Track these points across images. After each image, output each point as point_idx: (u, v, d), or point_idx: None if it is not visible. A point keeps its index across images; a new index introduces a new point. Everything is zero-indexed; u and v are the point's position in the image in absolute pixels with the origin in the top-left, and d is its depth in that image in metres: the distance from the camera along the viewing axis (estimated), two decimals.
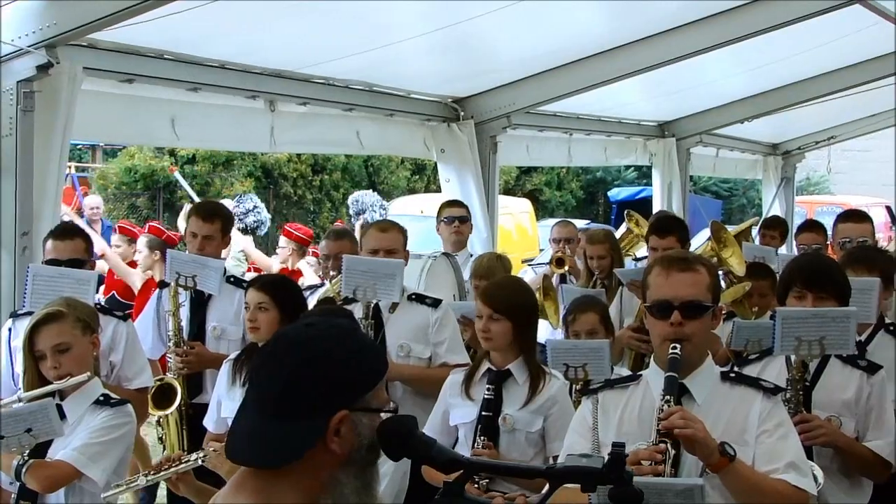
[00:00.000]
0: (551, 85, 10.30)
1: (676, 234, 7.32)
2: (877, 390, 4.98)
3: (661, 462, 3.66)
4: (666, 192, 14.14)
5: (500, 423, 5.27)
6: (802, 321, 4.80)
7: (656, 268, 4.03)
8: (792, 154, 17.69)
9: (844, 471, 4.97)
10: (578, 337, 6.10)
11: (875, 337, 5.75)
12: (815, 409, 4.89)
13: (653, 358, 4.13)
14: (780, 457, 3.81)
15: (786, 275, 5.18)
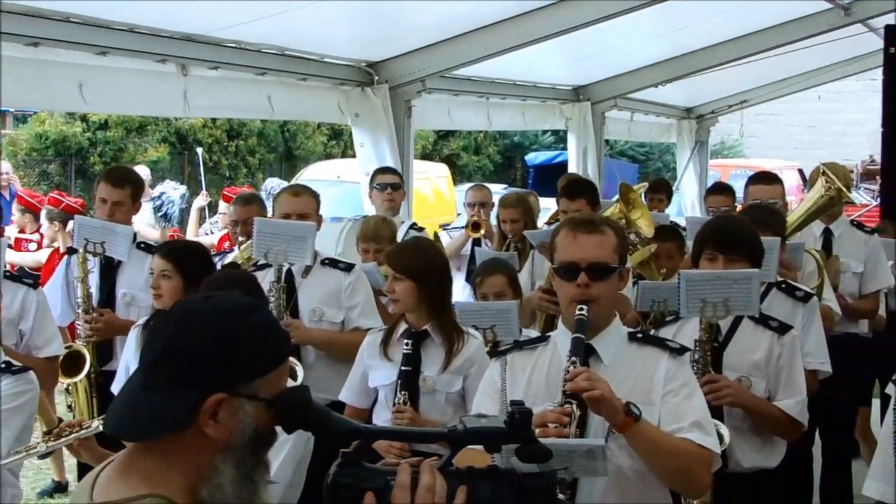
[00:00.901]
0: (466, 49, 10.26)
1: (586, 197, 7.39)
2: (787, 350, 5.07)
3: (567, 423, 3.69)
4: (581, 156, 14.18)
5: (420, 385, 5.31)
6: (706, 283, 4.88)
7: (563, 230, 4.06)
8: (705, 118, 17.84)
9: (756, 431, 5.06)
10: (486, 299, 6.14)
11: (769, 295, 5.86)
12: (725, 370, 4.97)
13: (560, 319, 4.16)
14: (684, 416, 3.85)
15: (699, 237, 5.25)
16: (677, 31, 12.28)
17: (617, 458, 3.81)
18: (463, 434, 2.39)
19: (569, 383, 3.71)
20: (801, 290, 5.97)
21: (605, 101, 14.38)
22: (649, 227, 7.70)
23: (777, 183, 7.61)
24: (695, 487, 4.03)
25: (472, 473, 2.38)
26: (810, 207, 7.52)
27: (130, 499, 2.32)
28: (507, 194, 9.74)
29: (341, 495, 2.34)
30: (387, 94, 10.18)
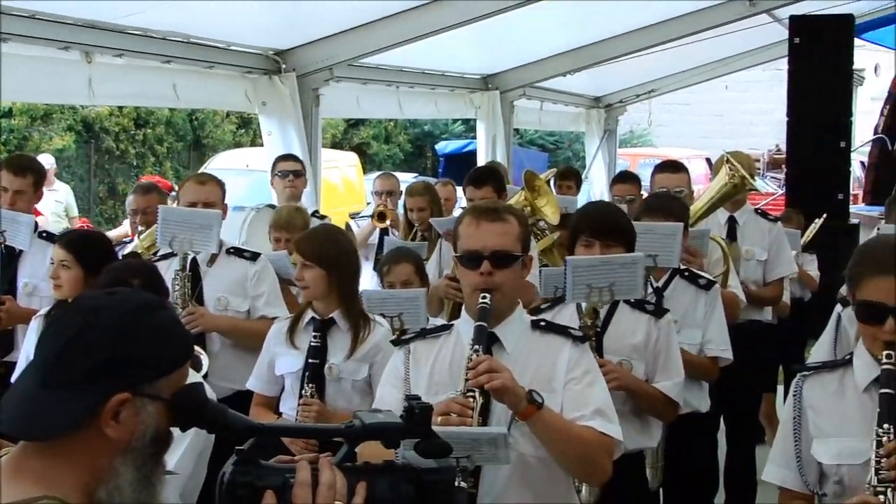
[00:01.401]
0: (375, 37, 10.23)
1: (492, 185, 7.41)
2: (664, 333, 5.12)
3: (470, 412, 3.68)
4: (490, 144, 14.21)
5: (326, 373, 5.30)
6: (592, 269, 4.90)
7: (467, 218, 4.05)
8: (614, 107, 17.96)
9: (636, 413, 5.11)
10: (393, 287, 6.15)
11: (672, 282, 5.92)
12: (606, 355, 5.00)
13: (464, 307, 4.15)
14: (586, 404, 3.87)
15: (574, 224, 5.27)
16: (586, 20, 12.35)
17: (520, 446, 3.81)
18: (361, 430, 2.36)
19: (470, 374, 3.71)
20: (704, 278, 6.02)
21: (513, 89, 14.40)
22: (555, 214, 7.74)
23: (683, 171, 7.66)
24: (597, 474, 4.06)
25: (369, 469, 2.35)
26: (715, 195, 7.59)
27: (23, 502, 2.22)
28: (414, 183, 9.74)
29: (239, 494, 2.28)
30: (294, 83, 10.11)
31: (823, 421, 3.81)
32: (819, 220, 9.88)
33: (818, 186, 11.21)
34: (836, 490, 3.74)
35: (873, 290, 3.67)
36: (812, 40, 11.48)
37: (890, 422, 3.54)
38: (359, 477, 2.32)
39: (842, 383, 3.84)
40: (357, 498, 2.30)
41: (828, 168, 11.39)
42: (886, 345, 3.64)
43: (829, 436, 3.78)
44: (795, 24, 11.92)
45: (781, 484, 3.91)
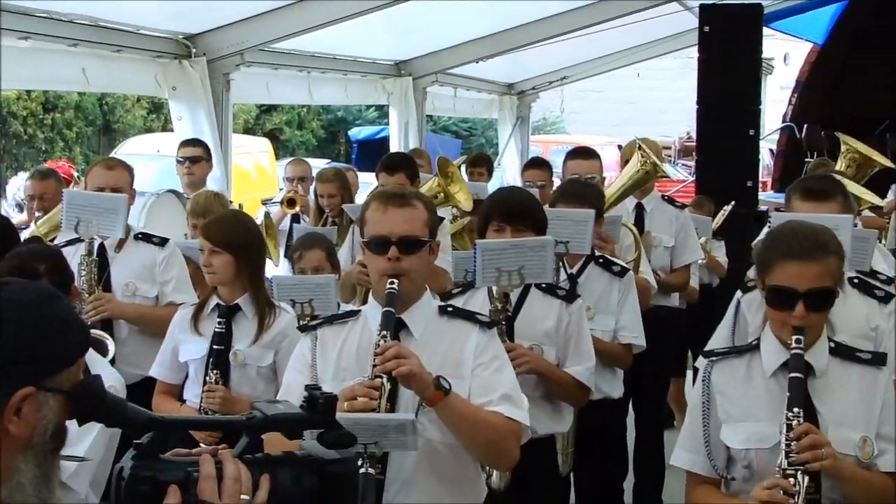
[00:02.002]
0: (286, 22, 10.15)
1: (405, 171, 7.39)
2: (575, 318, 5.15)
3: (377, 398, 3.67)
4: (403, 131, 14.17)
5: (231, 359, 5.26)
6: (501, 252, 4.90)
7: (374, 203, 4.05)
8: (527, 94, 17.99)
9: (547, 398, 5.16)
10: (304, 273, 6.12)
11: (586, 269, 5.95)
12: (517, 339, 5.02)
13: (371, 293, 4.15)
14: (494, 389, 3.88)
15: (485, 209, 5.28)
16: (498, 7, 12.35)
17: (427, 432, 3.82)
18: (262, 422, 2.31)
19: (377, 360, 3.70)
20: (618, 264, 6.07)
21: (426, 76, 14.36)
22: (468, 200, 7.75)
23: (595, 158, 7.70)
24: (504, 460, 4.07)
25: (271, 461, 2.30)
26: (627, 182, 7.65)
27: None
28: (324, 169, 9.70)
29: (141, 490, 2.20)
30: (205, 68, 9.99)
31: (731, 406, 3.87)
32: (727, 206, 9.99)
33: (728, 174, 11.32)
34: (745, 474, 3.79)
35: (783, 276, 3.73)
36: (722, 29, 11.58)
37: (799, 405, 3.60)
38: (261, 469, 2.27)
39: (749, 368, 3.90)
40: (261, 491, 2.25)
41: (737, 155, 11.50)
42: (795, 329, 3.69)
43: (737, 420, 3.83)
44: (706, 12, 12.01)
45: (690, 468, 3.96)
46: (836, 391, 3.80)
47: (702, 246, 8.49)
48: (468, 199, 7.69)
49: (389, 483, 3.83)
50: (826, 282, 3.72)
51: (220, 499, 2.20)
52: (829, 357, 3.86)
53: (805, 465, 3.53)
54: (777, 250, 3.80)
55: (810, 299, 3.69)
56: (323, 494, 2.29)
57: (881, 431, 3.79)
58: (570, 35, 13.80)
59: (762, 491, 3.56)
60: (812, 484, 3.60)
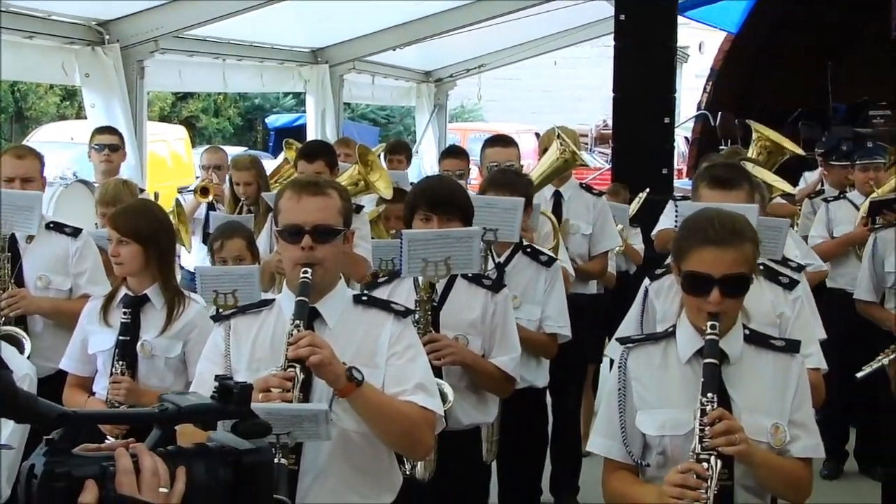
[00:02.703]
0: (201, 8, 10.08)
1: (324, 160, 7.35)
2: (500, 308, 5.15)
3: (290, 388, 3.65)
4: (320, 119, 14.12)
5: (139, 350, 5.19)
6: (428, 242, 4.88)
7: (287, 192, 4.01)
8: (444, 81, 17.99)
9: (472, 388, 5.15)
10: (225, 263, 6.07)
11: (514, 258, 5.96)
12: (443, 329, 5.02)
13: (285, 282, 4.12)
14: (408, 378, 3.87)
15: (411, 198, 5.26)
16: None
17: (342, 422, 3.80)
18: (176, 414, 2.27)
19: (290, 350, 3.67)
20: (545, 254, 6.08)
21: (343, 63, 14.32)
22: (387, 188, 7.72)
23: (513, 146, 7.70)
24: (418, 449, 4.06)
25: (184, 454, 2.27)
26: (546, 170, 7.64)
27: None
28: (240, 156, 9.61)
29: (55, 487, 2.13)
30: (118, 55, 9.88)
31: (647, 392, 3.89)
32: (642, 194, 10.05)
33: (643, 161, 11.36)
34: (659, 461, 3.81)
35: (698, 262, 3.76)
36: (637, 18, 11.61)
37: (713, 391, 3.63)
38: (175, 461, 2.24)
39: (665, 355, 3.92)
40: (178, 483, 2.21)
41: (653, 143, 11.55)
42: (710, 316, 3.72)
43: (652, 407, 3.86)
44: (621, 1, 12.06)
45: (606, 454, 3.97)
46: (749, 378, 3.83)
47: (619, 233, 8.53)
48: (388, 188, 7.67)
49: (303, 473, 3.81)
50: (741, 268, 3.76)
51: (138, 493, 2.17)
52: (744, 344, 3.89)
53: (718, 450, 3.56)
54: (693, 237, 3.83)
55: (725, 285, 3.72)
56: (238, 485, 2.27)
57: (794, 418, 3.83)
58: (488, 23, 13.84)
59: (676, 475, 3.59)
60: (725, 469, 3.63)
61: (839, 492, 8.33)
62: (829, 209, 8.92)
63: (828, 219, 8.86)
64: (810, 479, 3.92)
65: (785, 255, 5.46)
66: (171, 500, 2.19)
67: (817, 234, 8.79)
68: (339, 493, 3.86)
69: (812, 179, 11.99)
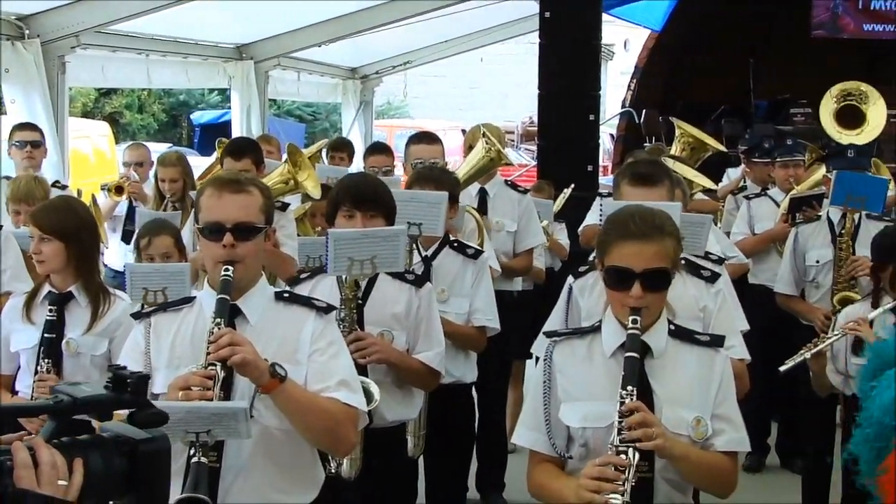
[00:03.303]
0: (123, 3, 9.96)
1: (251, 157, 7.32)
2: (425, 303, 5.17)
3: (211, 386, 3.63)
4: (245, 115, 14.03)
5: (64, 348, 5.15)
6: (354, 241, 4.88)
7: (208, 189, 4.01)
8: (370, 78, 17.94)
9: (397, 384, 5.16)
10: (153, 260, 6.05)
11: (441, 252, 5.97)
12: (367, 326, 5.02)
13: (206, 280, 4.10)
14: (331, 375, 3.88)
15: (334, 195, 5.25)
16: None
17: (264, 419, 3.80)
18: (71, 405, 2.25)
19: (211, 349, 3.66)
20: (472, 248, 6.12)
21: (268, 59, 14.24)
22: (315, 188, 7.70)
23: (437, 143, 7.71)
24: (341, 446, 4.07)
25: (80, 444, 2.25)
26: (471, 168, 7.66)
27: None
28: (166, 153, 9.54)
29: None
30: (39, 50, 9.74)
31: (571, 385, 3.91)
32: (567, 190, 10.09)
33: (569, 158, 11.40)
34: (582, 453, 3.84)
35: (620, 256, 3.80)
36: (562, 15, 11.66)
37: (633, 384, 3.66)
38: (72, 453, 2.22)
39: (590, 349, 3.95)
40: (76, 475, 2.19)
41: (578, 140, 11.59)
42: (633, 310, 3.75)
43: (575, 399, 3.88)
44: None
45: (531, 447, 3.99)
46: (672, 372, 3.86)
47: (544, 229, 8.56)
48: (316, 187, 7.64)
49: (225, 471, 3.80)
50: (662, 262, 3.79)
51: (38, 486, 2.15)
52: (669, 338, 3.92)
53: (635, 443, 3.59)
54: (614, 232, 3.86)
55: (646, 279, 3.75)
56: (134, 475, 2.26)
57: (718, 412, 3.87)
58: (414, 19, 13.84)
59: (593, 468, 3.61)
60: (645, 462, 3.67)
61: (760, 485, 8.42)
62: (750, 206, 9.03)
63: (749, 215, 8.96)
64: (735, 473, 3.95)
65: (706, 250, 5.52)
66: (69, 493, 2.17)
67: (739, 231, 8.89)
68: (261, 490, 3.86)
69: (735, 176, 12.10)
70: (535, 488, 3.99)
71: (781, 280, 7.62)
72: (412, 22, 13.85)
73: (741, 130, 16.56)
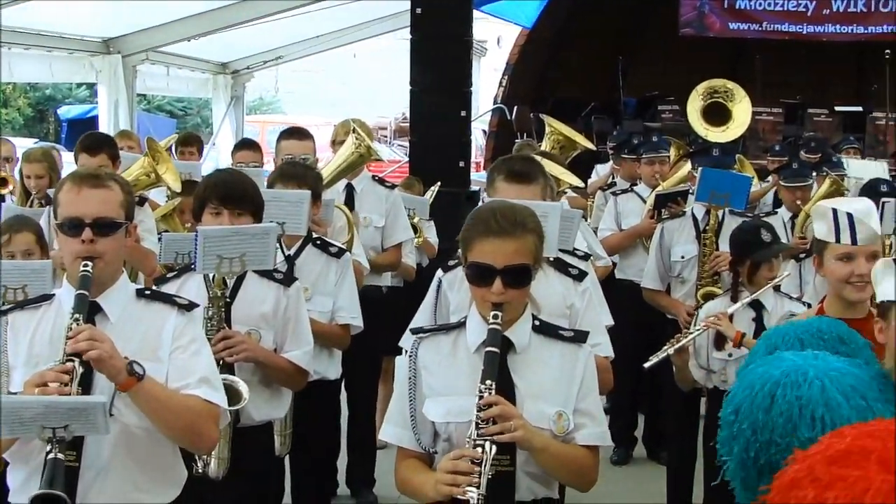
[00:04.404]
0: None
1: (106, 152, 7.23)
2: (293, 302, 5.16)
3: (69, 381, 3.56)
4: (113, 110, 13.81)
5: None
6: (224, 239, 4.84)
7: (67, 184, 3.94)
8: (241, 73, 17.78)
9: (265, 383, 5.15)
10: (14, 258, 5.89)
11: (304, 250, 5.95)
12: (235, 325, 4.99)
13: (65, 277, 4.03)
14: (192, 372, 3.85)
15: (201, 192, 5.20)
16: None
17: (124, 417, 3.76)
18: None
19: (69, 343, 3.60)
20: (335, 245, 6.12)
21: (136, 54, 14.03)
22: (175, 181, 7.63)
23: (308, 139, 7.66)
24: (202, 443, 4.04)
25: None
26: (341, 164, 7.64)
27: None
28: (31, 149, 9.36)
29: None
30: None
31: (436, 381, 3.92)
32: (434, 187, 10.11)
33: (440, 154, 11.43)
34: (445, 447, 3.85)
35: (481, 252, 3.81)
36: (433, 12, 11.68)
37: (492, 378, 3.67)
38: None
39: (455, 345, 3.96)
40: None
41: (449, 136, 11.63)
42: (494, 305, 3.77)
43: (440, 395, 3.89)
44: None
45: (397, 443, 3.99)
46: (535, 367, 3.88)
47: (414, 226, 8.57)
48: (176, 180, 7.57)
49: (84, 470, 3.74)
50: (523, 258, 3.80)
51: None
52: (532, 334, 3.94)
53: (493, 436, 3.60)
54: (476, 228, 3.88)
55: (507, 275, 3.76)
56: None
57: (580, 406, 3.90)
58: (285, 14, 13.76)
59: (449, 461, 3.63)
60: (506, 456, 3.70)
61: (627, 477, 8.55)
62: (617, 202, 9.14)
63: (616, 211, 9.08)
64: (595, 467, 3.98)
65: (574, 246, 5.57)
66: None
67: (606, 227, 9.00)
68: (121, 489, 3.81)
69: (604, 172, 12.27)
70: (401, 483, 4.00)
71: (648, 275, 7.74)
72: (284, 17, 13.76)
73: (610, 127, 16.79)
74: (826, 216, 4.61)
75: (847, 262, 4.55)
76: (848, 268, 4.55)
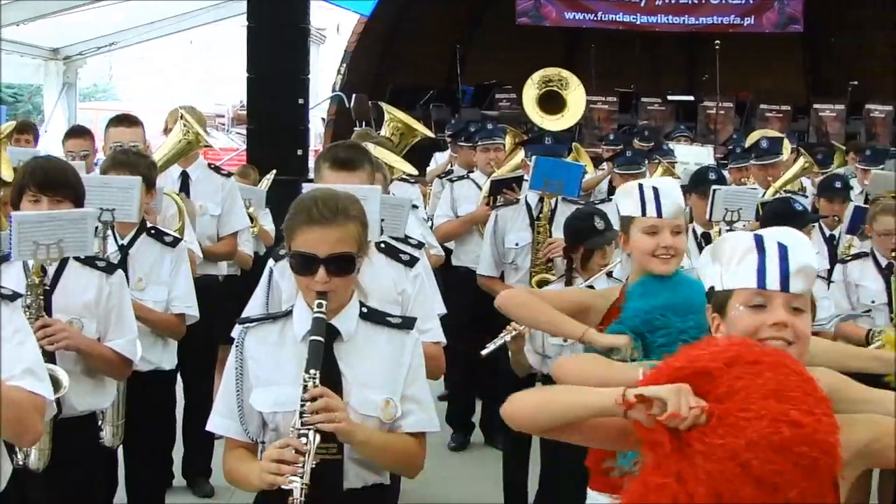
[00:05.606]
0: None
1: None
2: (116, 290, 5.09)
3: None
4: None
5: None
6: (39, 224, 4.76)
7: None
8: (73, 59, 17.47)
9: (88, 373, 5.06)
10: None
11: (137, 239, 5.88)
12: (56, 313, 4.90)
13: None
14: (16, 363, 3.75)
15: (19, 179, 5.10)
16: None
17: None
18: None
19: None
20: (170, 234, 6.06)
21: None
22: (7, 169, 7.45)
23: (138, 125, 7.56)
24: (27, 435, 3.93)
25: None
26: (169, 151, 7.57)
27: None
28: None
29: None
30: None
31: (262, 370, 3.91)
32: (270, 175, 10.07)
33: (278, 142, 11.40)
34: (273, 437, 3.84)
35: (304, 242, 3.81)
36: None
37: (317, 367, 3.68)
38: None
39: (282, 334, 3.95)
40: None
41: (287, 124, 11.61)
42: (319, 294, 3.77)
43: (266, 384, 3.88)
44: None
45: (225, 434, 3.97)
46: (362, 354, 3.89)
47: (250, 215, 8.53)
48: (8, 169, 7.38)
49: None
50: (346, 247, 3.81)
51: None
52: (360, 321, 3.95)
53: (317, 425, 3.62)
54: (299, 217, 3.87)
55: (331, 264, 3.77)
56: None
57: (407, 393, 3.92)
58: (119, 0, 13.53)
59: (273, 450, 3.62)
60: (333, 444, 3.71)
61: (465, 462, 8.63)
62: (453, 189, 9.20)
63: (452, 198, 9.13)
64: (421, 454, 4.00)
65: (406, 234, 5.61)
66: None
67: (442, 214, 9.05)
68: None
69: (442, 160, 12.36)
70: (227, 474, 3.98)
71: (483, 262, 7.81)
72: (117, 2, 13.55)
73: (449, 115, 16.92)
74: (632, 193, 4.69)
75: (653, 236, 4.59)
76: (654, 241, 4.58)
